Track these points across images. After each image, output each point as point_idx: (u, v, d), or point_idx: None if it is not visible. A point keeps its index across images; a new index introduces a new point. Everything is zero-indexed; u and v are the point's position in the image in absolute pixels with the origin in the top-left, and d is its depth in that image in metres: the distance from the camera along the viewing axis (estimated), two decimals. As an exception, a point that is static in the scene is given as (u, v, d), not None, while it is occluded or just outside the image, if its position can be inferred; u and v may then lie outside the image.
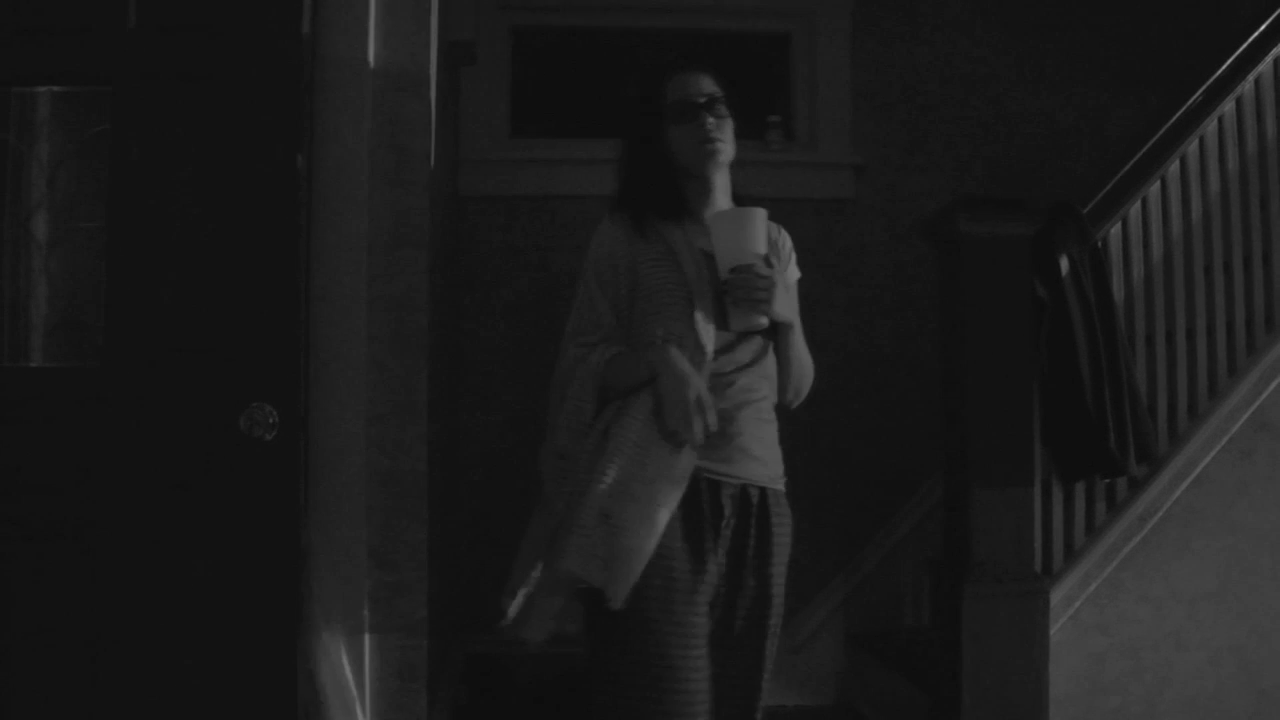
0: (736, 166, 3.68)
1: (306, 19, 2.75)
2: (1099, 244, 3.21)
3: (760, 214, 2.34)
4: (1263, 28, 3.48)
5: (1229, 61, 3.44)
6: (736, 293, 2.24)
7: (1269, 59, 3.48)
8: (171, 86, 2.65)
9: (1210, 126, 3.42)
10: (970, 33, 4.71)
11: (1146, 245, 3.35)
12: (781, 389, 2.46)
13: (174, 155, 2.64)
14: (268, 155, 2.65)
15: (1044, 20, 4.74)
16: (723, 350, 2.27)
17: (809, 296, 4.38)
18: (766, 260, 2.29)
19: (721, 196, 2.48)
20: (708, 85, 2.48)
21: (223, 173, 2.64)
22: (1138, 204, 3.33)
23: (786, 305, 2.35)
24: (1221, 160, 3.43)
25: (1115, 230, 3.31)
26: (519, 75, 4.63)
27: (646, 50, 4.77)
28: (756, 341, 2.35)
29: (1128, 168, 3.35)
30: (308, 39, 2.78)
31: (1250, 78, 3.45)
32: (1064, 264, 3.11)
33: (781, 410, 4.37)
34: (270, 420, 2.59)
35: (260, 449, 2.60)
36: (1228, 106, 3.43)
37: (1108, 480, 3.21)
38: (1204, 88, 3.42)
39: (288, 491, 2.63)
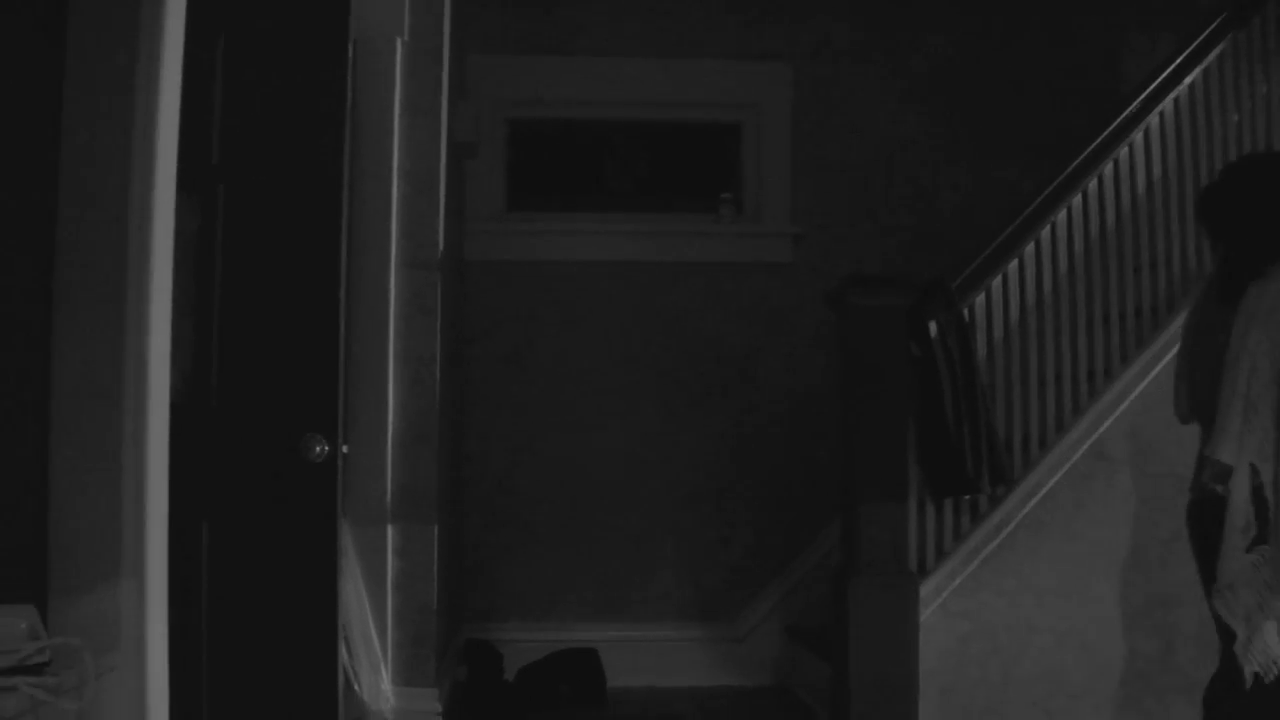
0: (692, 236, 4.51)
1: (347, 143, 3.64)
2: (963, 311, 4.08)
3: None
4: (1103, 135, 4.35)
5: (1075, 162, 4.31)
6: None
7: (1110, 159, 4.35)
8: (249, 206, 3.55)
9: (1060, 215, 4.28)
10: (896, 119, 5.60)
11: (1006, 310, 4.22)
12: None
13: (257, 257, 3.54)
14: (318, 250, 3.54)
15: (961, 106, 5.62)
16: None
17: (754, 344, 5.30)
18: None
19: None
20: None
21: (288, 267, 3.54)
22: (999, 277, 4.20)
23: None
24: (1070, 241, 4.29)
25: (980, 299, 4.18)
26: (514, 159, 5.53)
27: (621, 138, 5.67)
28: None
29: (993, 246, 4.21)
30: (348, 156, 3.67)
31: (1095, 173, 4.32)
32: (933, 327, 3.98)
33: (727, 436, 5.37)
34: (318, 448, 3.47)
35: (310, 468, 3.48)
36: (1075, 199, 4.29)
37: (969, 497, 4.07)
38: (1054, 183, 4.29)
39: (329, 501, 3.50)
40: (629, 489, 5.34)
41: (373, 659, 3.73)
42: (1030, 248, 4.24)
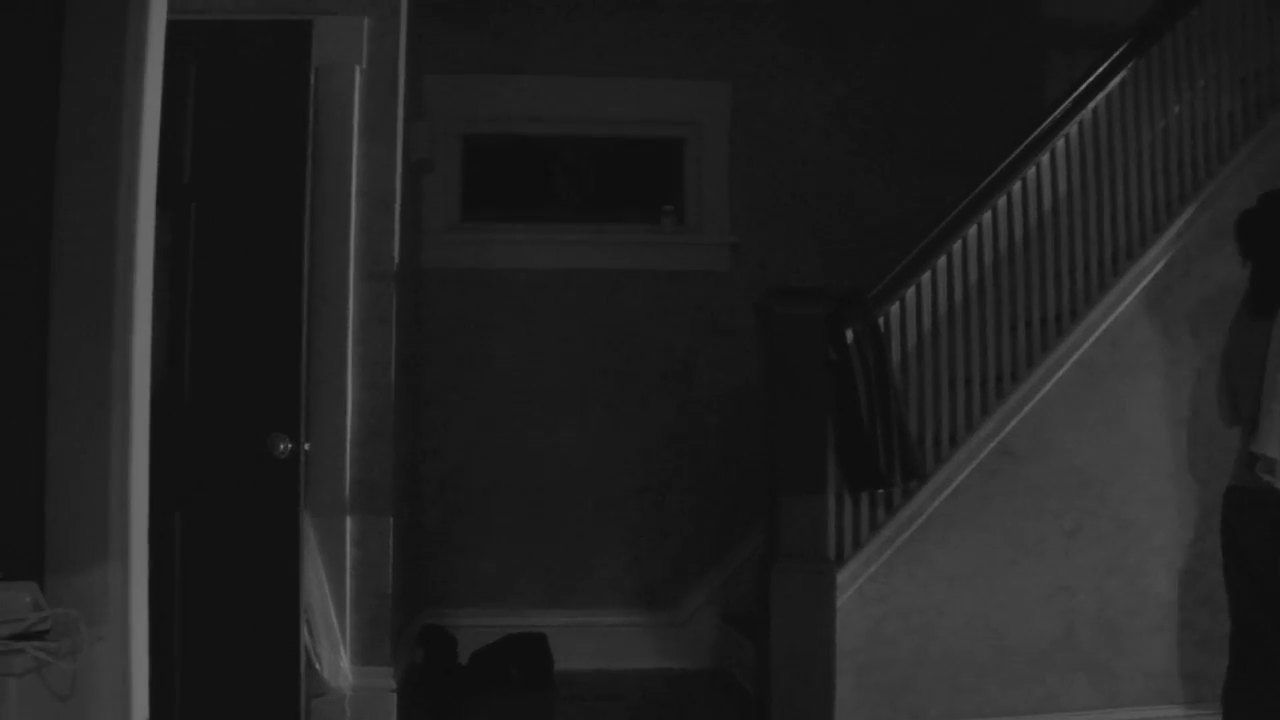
0: (636, 245, 4.78)
1: (309, 164, 3.96)
2: (879, 319, 4.43)
3: None
4: (1012, 156, 4.70)
5: (985, 181, 4.66)
6: None
7: (1019, 178, 4.70)
8: (219, 222, 3.86)
9: (971, 230, 4.64)
10: (828, 137, 5.95)
11: (919, 318, 4.56)
12: None
13: (226, 269, 3.85)
14: (282, 263, 3.86)
15: (891, 123, 5.96)
16: None
17: (694, 347, 5.64)
18: None
19: None
20: None
21: (254, 279, 3.86)
22: (913, 288, 4.55)
23: None
24: (980, 254, 4.64)
25: (895, 308, 4.52)
26: (469, 173, 5.85)
27: (570, 153, 6.00)
28: None
29: (908, 259, 4.55)
30: (310, 176, 3.99)
31: (1005, 191, 4.67)
32: (849, 335, 4.32)
33: (669, 434, 5.72)
34: (282, 445, 3.79)
35: (275, 464, 3.80)
36: (985, 215, 4.64)
37: (883, 491, 4.42)
38: (966, 200, 4.64)
39: (292, 494, 3.83)
40: (577, 483, 5.68)
41: (333, 640, 4.05)
42: (943, 260, 4.58)
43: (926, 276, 4.57)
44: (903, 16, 6.06)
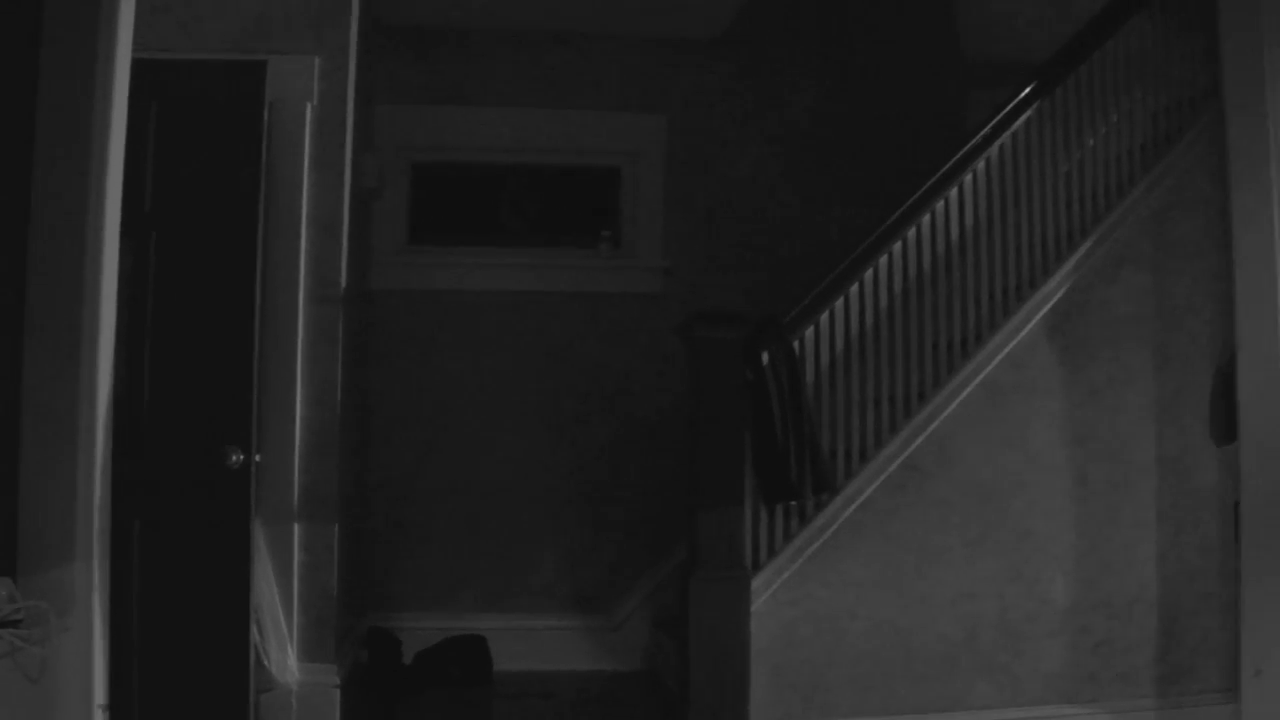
0: (574, 269, 5.04)
1: (262, 194, 4.26)
2: (793, 342, 4.75)
3: None
4: (921, 191, 5.04)
5: (896, 214, 5.00)
6: None
7: (928, 211, 5.03)
8: (177, 249, 4.15)
9: (883, 259, 4.97)
10: (760, 165, 6.28)
11: (833, 341, 4.89)
12: None
13: (184, 292, 4.14)
14: (236, 287, 4.15)
15: (820, 155, 6.30)
16: None
17: (628, 366, 5.95)
18: None
19: None
20: None
21: (210, 301, 4.15)
22: (827, 313, 4.87)
23: None
24: (890, 282, 4.98)
25: (810, 331, 4.85)
26: (417, 198, 6.15)
27: (513, 180, 6.32)
28: None
29: (822, 286, 4.86)
30: (263, 205, 4.28)
31: (915, 223, 5.01)
32: (765, 357, 4.64)
33: (604, 448, 6.00)
34: (235, 457, 4.08)
35: (228, 474, 4.08)
36: (896, 246, 4.98)
37: (795, 503, 4.74)
38: (877, 231, 4.97)
39: (244, 502, 4.12)
40: (516, 494, 5.98)
41: (280, 638, 4.33)
42: (855, 287, 4.90)
43: (840, 302, 4.89)
44: (831, 54, 6.41)
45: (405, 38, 6.02)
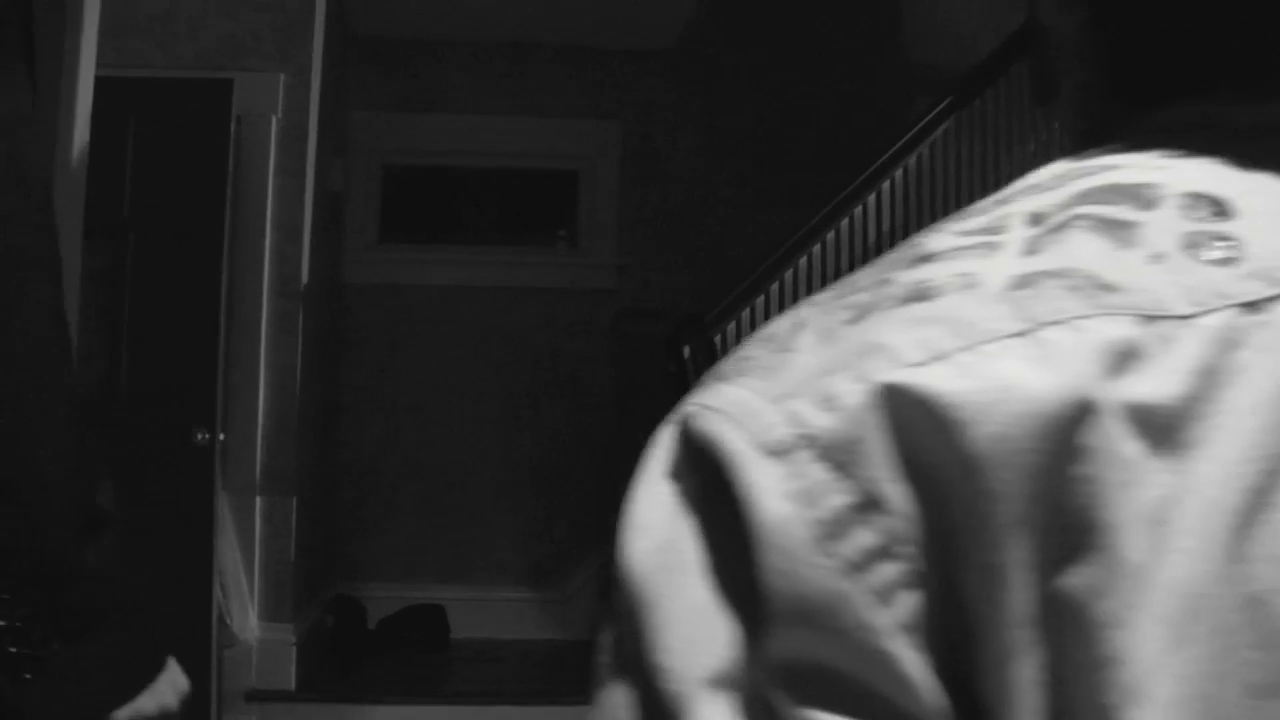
0: (533, 266, 5.46)
1: (229, 199, 4.73)
2: (714, 338, 5.21)
3: None
4: (841, 196, 5.49)
5: (816, 218, 5.44)
6: None
7: (846, 215, 5.48)
8: (152, 248, 4.63)
9: (802, 260, 5.42)
10: (709, 169, 6.72)
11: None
12: None
13: (157, 288, 4.62)
14: (204, 282, 4.63)
15: (768, 160, 6.74)
16: None
17: (582, 356, 6.41)
18: None
19: None
20: None
21: (181, 295, 4.63)
22: (747, 310, 5.33)
23: None
24: (810, 281, 5.42)
25: (731, 326, 5.30)
26: (387, 199, 6.62)
27: (477, 182, 6.78)
28: None
29: (744, 285, 5.33)
30: (229, 205, 4.76)
31: (834, 226, 5.46)
32: (686, 351, 5.11)
33: (559, 433, 6.44)
34: (201, 435, 4.56)
35: (196, 451, 4.56)
36: (815, 247, 5.43)
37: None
38: (798, 234, 5.42)
39: (208, 476, 4.59)
40: (476, 475, 6.45)
41: (242, 599, 4.81)
42: (775, 286, 5.36)
43: (760, 300, 5.34)
44: (777, 62, 6.85)
45: (377, 49, 6.48)
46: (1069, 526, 0.48)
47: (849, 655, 0.48)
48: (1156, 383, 0.50)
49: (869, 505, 0.49)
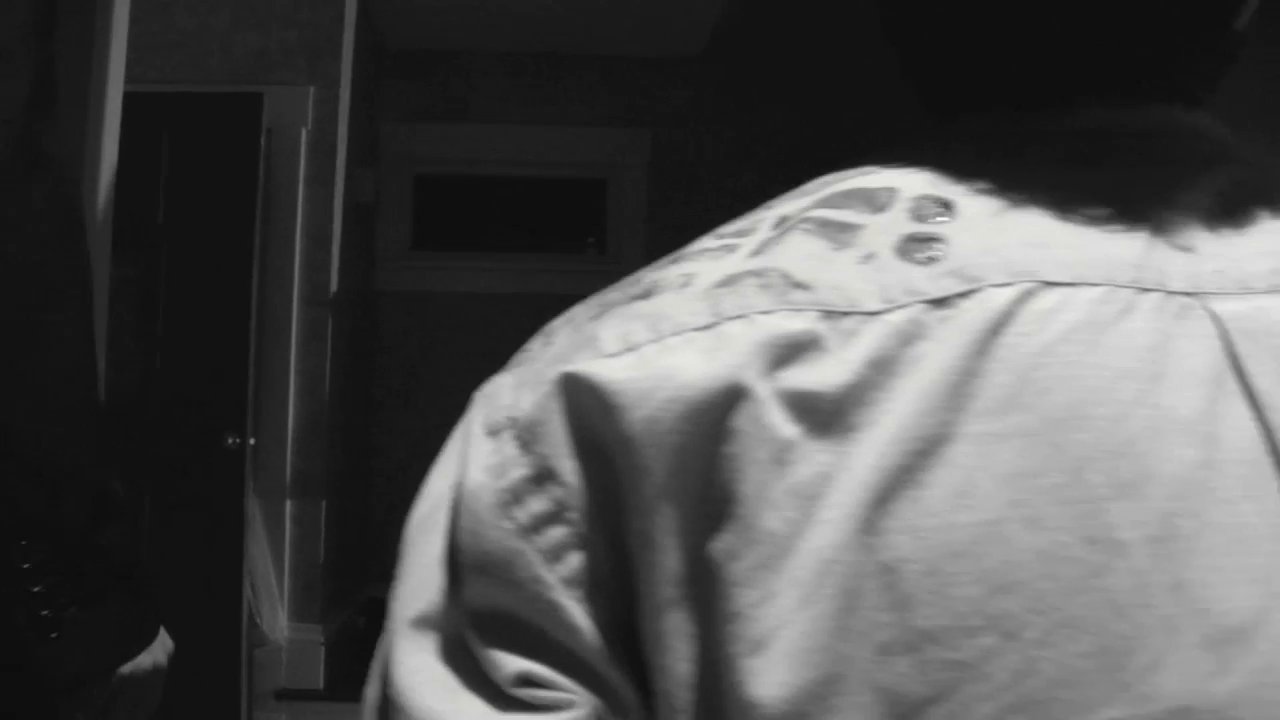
0: (562, 273, 5.59)
1: (259, 209, 4.86)
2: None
3: None
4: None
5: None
6: None
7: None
8: (185, 257, 4.76)
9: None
10: (735, 175, 6.78)
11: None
12: None
13: (190, 295, 4.75)
14: (235, 291, 4.76)
15: (791, 169, 6.78)
16: None
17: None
18: None
19: None
20: None
21: (213, 302, 4.76)
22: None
23: None
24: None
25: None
26: (419, 207, 6.73)
27: (507, 190, 6.89)
28: None
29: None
30: (259, 215, 4.88)
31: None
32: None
33: None
34: (232, 440, 4.68)
35: (227, 455, 4.69)
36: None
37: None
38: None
39: (239, 479, 4.71)
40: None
41: (272, 600, 4.93)
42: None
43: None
44: (806, 68, 6.91)
45: (408, 61, 6.60)
46: (714, 498, 0.55)
47: (524, 604, 0.56)
48: (825, 372, 0.56)
49: (544, 477, 0.57)
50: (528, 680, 0.57)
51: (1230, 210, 0.63)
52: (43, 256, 1.64)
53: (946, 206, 0.63)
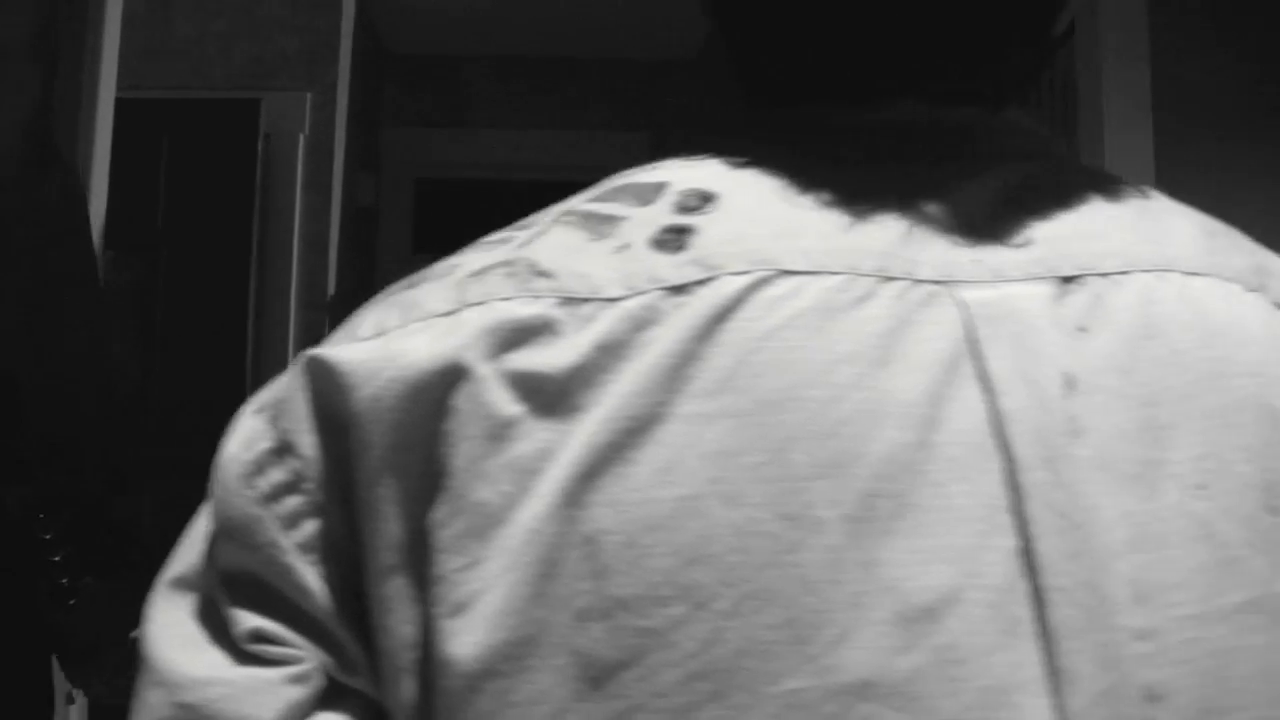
0: None
1: (257, 213, 4.93)
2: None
3: None
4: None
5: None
6: None
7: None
8: (184, 261, 4.84)
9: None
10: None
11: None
12: None
13: (189, 299, 4.83)
14: (233, 294, 4.83)
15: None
16: None
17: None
18: None
19: None
20: None
21: (211, 306, 4.83)
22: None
23: None
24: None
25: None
26: (420, 211, 6.80)
27: (508, 193, 6.95)
28: None
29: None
30: (257, 220, 4.96)
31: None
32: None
33: None
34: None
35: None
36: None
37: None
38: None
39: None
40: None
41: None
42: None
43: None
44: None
45: (409, 66, 6.68)
46: (431, 472, 0.60)
47: (263, 566, 0.61)
48: (554, 355, 0.60)
49: (284, 450, 0.63)
50: (261, 636, 0.61)
51: (1011, 204, 0.66)
52: (56, 245, 1.74)
53: (708, 199, 0.66)
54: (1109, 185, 0.70)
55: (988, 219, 0.66)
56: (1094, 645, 0.55)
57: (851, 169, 0.68)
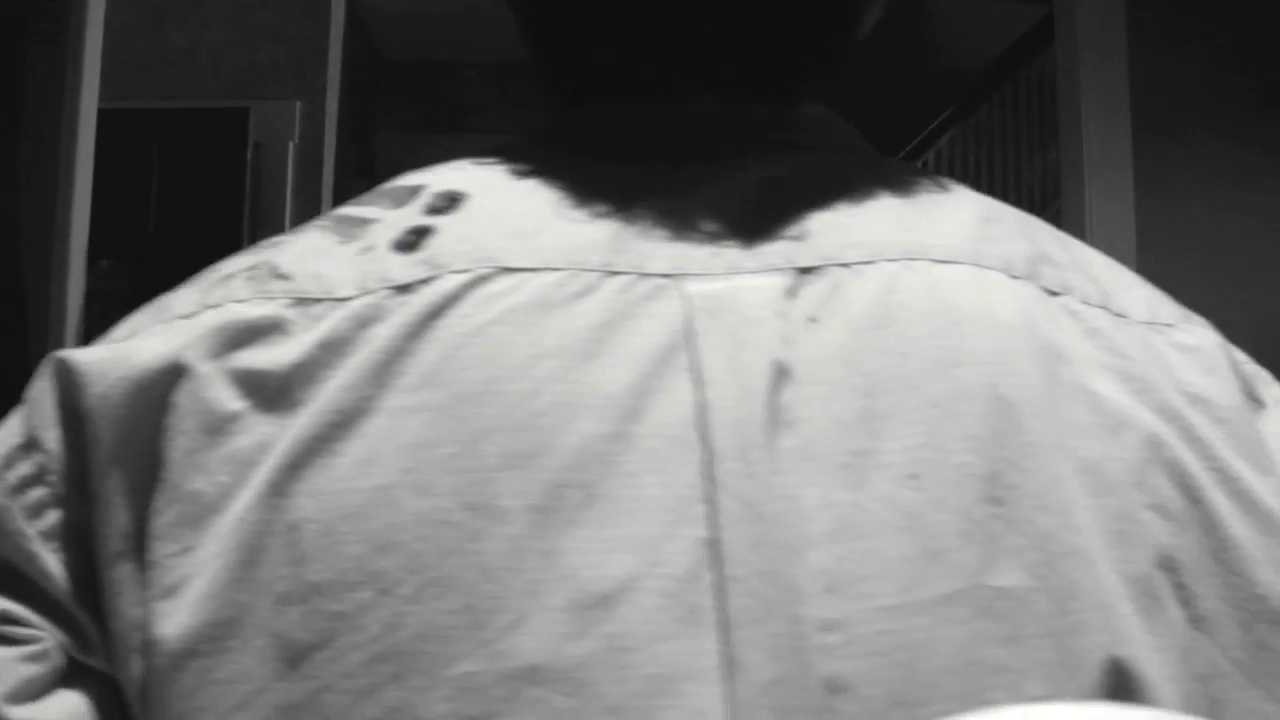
0: None
1: (246, 218, 4.98)
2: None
3: None
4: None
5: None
6: None
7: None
8: (175, 264, 4.88)
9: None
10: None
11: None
12: None
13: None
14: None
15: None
16: None
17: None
18: None
19: None
20: None
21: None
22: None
23: None
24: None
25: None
26: (414, 216, 6.85)
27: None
28: None
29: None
30: (247, 227, 5.00)
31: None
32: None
33: None
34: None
35: (216, 461, 4.80)
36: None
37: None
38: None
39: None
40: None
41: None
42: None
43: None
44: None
45: (402, 72, 6.73)
46: (152, 465, 0.63)
47: (11, 552, 0.65)
48: (278, 353, 0.62)
49: (31, 445, 0.65)
50: (6, 618, 0.63)
51: (772, 198, 0.67)
52: None
53: (455, 200, 0.69)
54: (897, 178, 0.71)
55: (742, 213, 0.66)
56: (768, 635, 0.56)
57: (620, 167, 0.68)
